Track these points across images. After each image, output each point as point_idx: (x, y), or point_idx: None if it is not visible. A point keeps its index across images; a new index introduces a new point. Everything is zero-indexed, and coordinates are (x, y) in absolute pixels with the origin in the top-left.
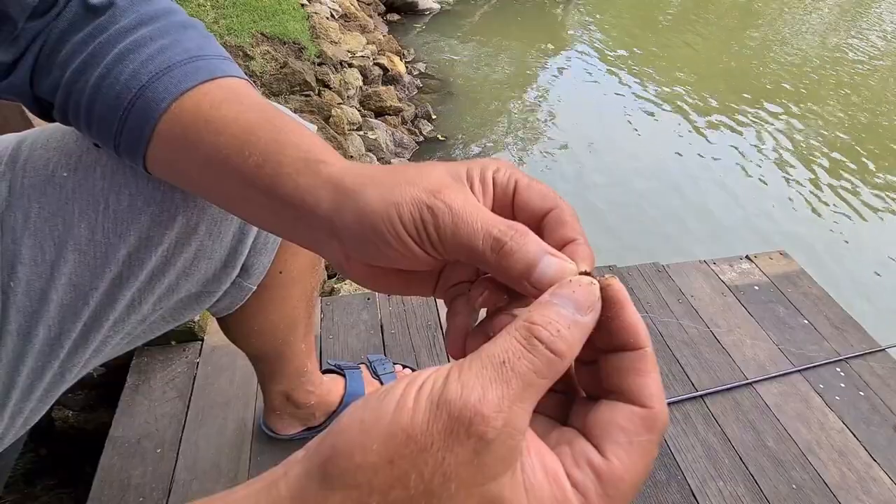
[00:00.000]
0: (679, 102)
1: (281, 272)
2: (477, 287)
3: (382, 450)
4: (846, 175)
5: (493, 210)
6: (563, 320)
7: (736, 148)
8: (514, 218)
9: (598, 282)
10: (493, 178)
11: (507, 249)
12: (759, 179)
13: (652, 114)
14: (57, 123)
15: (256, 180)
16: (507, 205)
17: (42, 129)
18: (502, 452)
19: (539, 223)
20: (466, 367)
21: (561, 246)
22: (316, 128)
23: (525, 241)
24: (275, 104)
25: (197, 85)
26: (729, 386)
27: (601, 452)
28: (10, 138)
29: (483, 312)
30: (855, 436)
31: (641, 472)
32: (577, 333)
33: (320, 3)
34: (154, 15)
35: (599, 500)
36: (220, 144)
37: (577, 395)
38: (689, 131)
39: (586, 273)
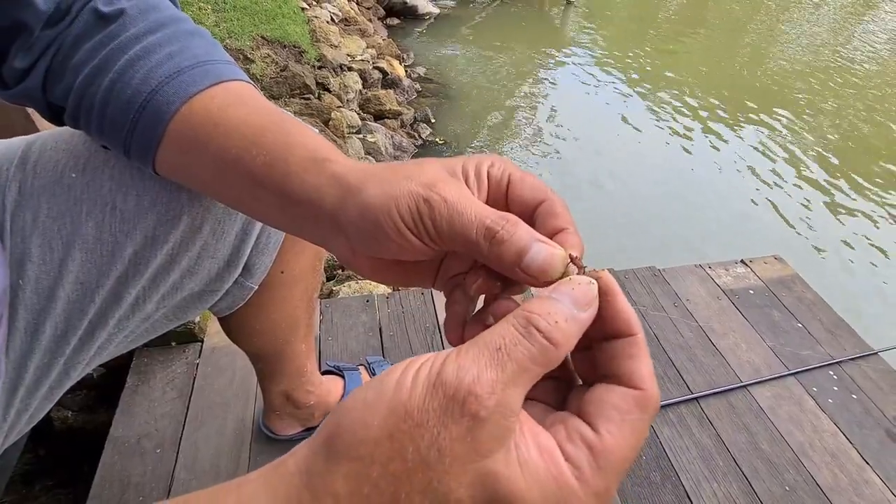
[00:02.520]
0: (675, 108)
1: (282, 272)
2: (472, 275)
3: (383, 425)
4: (841, 180)
5: (487, 203)
6: (560, 313)
7: (732, 153)
8: (507, 210)
9: (589, 274)
10: (488, 173)
11: (498, 238)
12: (755, 184)
13: (649, 118)
14: (66, 126)
15: (265, 179)
16: (501, 198)
17: (51, 132)
18: (496, 431)
19: (532, 215)
20: (464, 351)
21: (552, 235)
22: (318, 130)
23: (516, 230)
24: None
25: (205, 88)
26: (723, 388)
27: (594, 429)
28: (20, 141)
29: (481, 302)
30: (847, 438)
31: (633, 447)
32: (574, 327)
33: (320, 7)
34: (163, 22)
35: (592, 472)
36: (228, 145)
37: (574, 382)
38: (685, 136)
39: (574, 259)
